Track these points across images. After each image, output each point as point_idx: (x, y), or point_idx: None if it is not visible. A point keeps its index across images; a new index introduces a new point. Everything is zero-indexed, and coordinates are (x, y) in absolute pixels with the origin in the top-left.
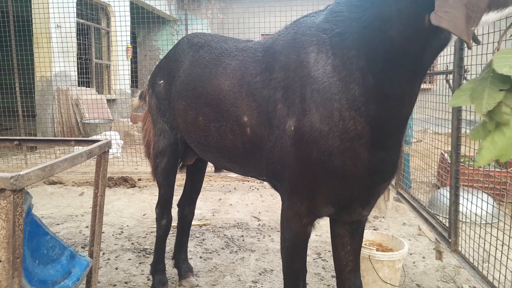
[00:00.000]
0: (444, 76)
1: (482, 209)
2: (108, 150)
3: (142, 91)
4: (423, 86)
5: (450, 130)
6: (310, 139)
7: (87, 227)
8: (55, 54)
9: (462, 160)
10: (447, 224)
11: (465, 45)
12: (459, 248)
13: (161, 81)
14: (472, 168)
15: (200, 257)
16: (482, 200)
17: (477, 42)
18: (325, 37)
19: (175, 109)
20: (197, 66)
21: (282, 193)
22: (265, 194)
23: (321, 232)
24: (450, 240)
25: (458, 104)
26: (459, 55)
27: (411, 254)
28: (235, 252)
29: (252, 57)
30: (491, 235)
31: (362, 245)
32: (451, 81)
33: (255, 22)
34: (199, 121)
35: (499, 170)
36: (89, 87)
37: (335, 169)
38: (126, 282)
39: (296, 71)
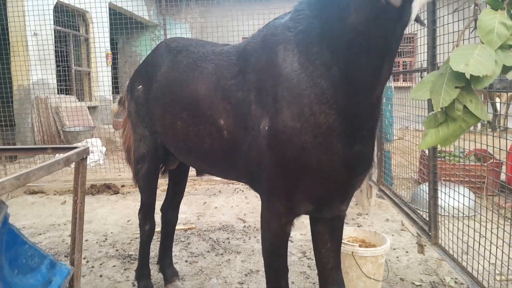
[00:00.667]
0: (419, 74)
1: (460, 202)
2: (86, 157)
3: (121, 97)
4: (402, 84)
5: None
6: (284, 137)
7: (70, 235)
8: (33, 62)
9: (442, 155)
10: (427, 219)
11: (437, 43)
12: (439, 241)
13: (140, 86)
14: (451, 163)
15: (186, 261)
16: (460, 194)
17: (421, 24)
18: (290, 35)
19: (154, 114)
20: (175, 71)
21: (261, 194)
22: (250, 196)
23: (305, 231)
24: (430, 233)
25: (418, 98)
26: (432, 53)
27: (394, 249)
28: (221, 254)
29: (227, 60)
30: (469, 227)
31: (346, 241)
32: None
33: (235, 25)
34: (177, 126)
35: (477, 164)
36: (69, 94)
37: (311, 165)
38: None
39: (267, 71)
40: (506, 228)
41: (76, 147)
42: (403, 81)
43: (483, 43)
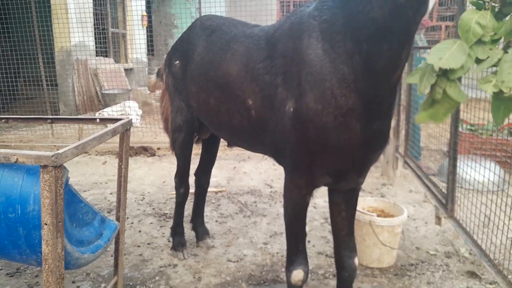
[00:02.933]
0: None
1: (484, 177)
2: (129, 128)
3: (159, 69)
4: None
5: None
6: (307, 118)
7: (111, 193)
8: (73, 25)
9: (474, 128)
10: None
11: None
12: (455, 214)
13: (177, 62)
14: (482, 137)
15: (216, 221)
16: (486, 168)
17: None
18: (315, 23)
19: (190, 90)
20: (209, 51)
21: (284, 167)
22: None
23: None
24: (447, 207)
25: (411, 82)
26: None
27: (414, 219)
28: (248, 216)
29: (256, 44)
30: (492, 202)
31: (365, 211)
32: None
33: None
34: (210, 103)
35: (510, 139)
36: (106, 57)
37: (331, 143)
38: (148, 243)
39: (293, 57)
40: None
41: (121, 119)
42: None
43: None
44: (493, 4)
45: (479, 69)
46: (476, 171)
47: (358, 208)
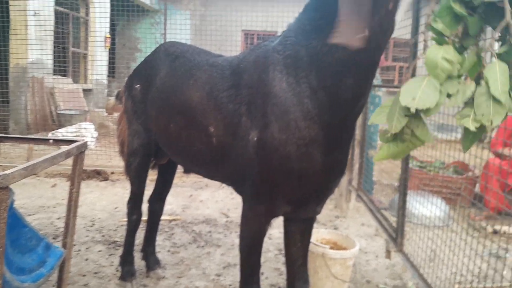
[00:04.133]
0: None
1: (432, 212)
2: (84, 150)
3: (119, 92)
4: (394, 90)
5: None
6: (271, 147)
7: (59, 218)
8: (31, 41)
9: (423, 165)
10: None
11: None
12: (404, 249)
13: (138, 85)
14: (430, 174)
15: (168, 251)
16: (433, 204)
17: None
18: (280, 57)
19: (149, 114)
20: (172, 77)
21: (243, 196)
22: (235, 192)
23: None
24: (397, 240)
25: (376, 122)
26: (413, 73)
27: (365, 252)
28: (202, 246)
29: (221, 73)
30: (438, 237)
31: (318, 243)
32: None
33: (234, 17)
34: (170, 128)
35: (454, 176)
36: (65, 76)
37: (293, 172)
38: (95, 273)
39: (258, 88)
40: (473, 241)
41: (76, 141)
42: (397, 87)
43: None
44: (453, 38)
45: (452, 103)
46: (424, 207)
47: (312, 240)
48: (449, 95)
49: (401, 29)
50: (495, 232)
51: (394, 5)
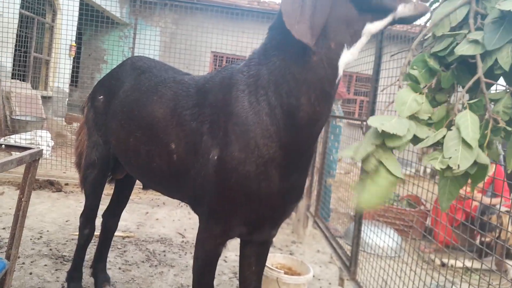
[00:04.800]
0: (360, 123)
1: (385, 243)
2: (38, 159)
3: (83, 103)
4: (354, 122)
5: None
6: (230, 166)
7: (4, 228)
8: None
9: None
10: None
11: (376, 99)
12: (357, 277)
13: (101, 97)
14: (385, 205)
15: (119, 268)
16: (387, 235)
17: None
18: (243, 77)
19: (110, 126)
20: (136, 90)
21: (200, 215)
22: (193, 212)
23: None
24: (351, 269)
25: (344, 156)
26: (372, 107)
27: (319, 279)
28: (155, 266)
29: (186, 91)
30: (390, 267)
31: (273, 267)
32: (364, 129)
33: (204, 38)
34: (130, 142)
35: (407, 209)
36: (24, 81)
37: (251, 191)
38: None
39: (221, 108)
40: (423, 272)
41: (30, 148)
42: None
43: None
44: (427, 91)
45: (423, 144)
46: (378, 237)
47: (267, 264)
48: (419, 140)
49: (363, 64)
50: (443, 264)
51: (336, 47)
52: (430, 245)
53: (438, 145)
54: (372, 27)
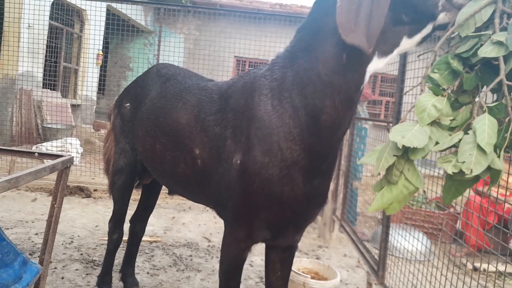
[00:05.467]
0: (386, 124)
1: (414, 246)
2: (70, 166)
3: (109, 111)
4: (380, 124)
5: None
6: (253, 170)
7: (36, 234)
8: (24, 54)
9: None
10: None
11: (402, 101)
12: (385, 282)
13: (128, 104)
14: (413, 208)
15: (147, 273)
16: (415, 239)
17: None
18: (266, 81)
19: (137, 133)
20: (162, 98)
21: (225, 220)
22: (218, 216)
23: None
24: (378, 273)
25: (366, 163)
26: (398, 109)
27: (346, 284)
28: (182, 270)
29: (209, 97)
30: (419, 271)
31: (299, 272)
32: (390, 130)
33: (228, 43)
34: (156, 148)
35: (436, 212)
36: (54, 90)
37: (274, 195)
38: None
39: (244, 112)
40: (454, 277)
41: (62, 155)
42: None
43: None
44: (450, 93)
45: (438, 148)
46: (406, 240)
47: (293, 268)
48: (438, 143)
49: (389, 65)
50: (475, 269)
51: (347, 58)
52: (461, 248)
53: (455, 147)
54: (408, 43)
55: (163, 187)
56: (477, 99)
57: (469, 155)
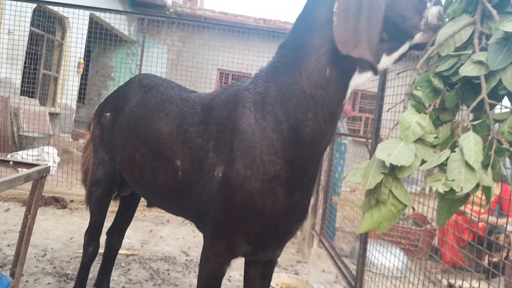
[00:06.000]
0: (365, 140)
1: (390, 262)
2: (46, 175)
3: (89, 121)
4: (359, 140)
5: None
6: (235, 183)
7: (8, 245)
8: (2, 60)
9: None
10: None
11: (381, 117)
12: None
13: (108, 114)
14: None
15: (123, 287)
16: (392, 254)
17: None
18: (249, 95)
19: (116, 143)
20: (143, 107)
21: (204, 233)
22: (197, 230)
23: None
24: None
25: (352, 181)
26: (377, 125)
27: None
28: (159, 285)
29: (192, 108)
30: (396, 287)
31: (278, 287)
32: (369, 146)
33: (211, 56)
34: (135, 159)
35: (413, 228)
36: (32, 97)
37: (256, 208)
38: None
39: (227, 125)
40: None
41: (37, 165)
42: (362, 137)
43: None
44: (431, 110)
45: (426, 166)
46: (384, 256)
47: (271, 284)
48: (423, 161)
49: (369, 82)
50: (450, 286)
51: (349, 68)
52: (437, 265)
53: (442, 166)
54: (386, 60)
55: (142, 199)
56: (457, 117)
57: (458, 173)
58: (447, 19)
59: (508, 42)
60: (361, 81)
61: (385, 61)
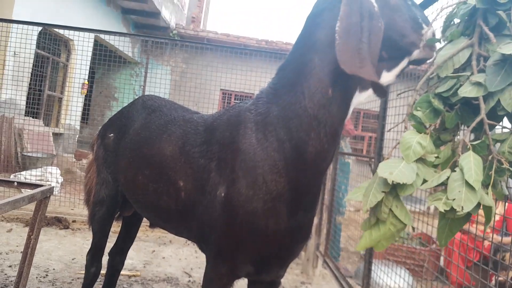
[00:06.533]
0: (368, 160)
1: (396, 283)
2: (49, 196)
3: (92, 141)
4: (362, 159)
5: None
6: (237, 203)
7: (10, 266)
8: (8, 81)
9: None
10: None
11: (384, 137)
12: None
13: (111, 134)
14: (395, 244)
15: None
16: (397, 275)
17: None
18: (250, 115)
19: (119, 164)
20: (146, 129)
21: (207, 254)
22: (200, 250)
23: None
24: None
25: (353, 199)
26: (380, 145)
27: None
28: None
29: (194, 129)
30: None
31: None
32: (372, 165)
33: (214, 76)
34: (138, 180)
35: (418, 248)
36: (36, 118)
37: (258, 228)
38: None
39: (229, 145)
40: None
41: (41, 185)
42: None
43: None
44: (432, 130)
45: (427, 186)
46: (389, 277)
47: None
48: (424, 180)
49: (371, 102)
50: None
51: (351, 88)
52: (443, 285)
53: (443, 185)
54: (387, 76)
55: (144, 219)
56: (457, 137)
57: (459, 192)
58: (445, 42)
59: (505, 64)
60: (362, 99)
61: (386, 77)
